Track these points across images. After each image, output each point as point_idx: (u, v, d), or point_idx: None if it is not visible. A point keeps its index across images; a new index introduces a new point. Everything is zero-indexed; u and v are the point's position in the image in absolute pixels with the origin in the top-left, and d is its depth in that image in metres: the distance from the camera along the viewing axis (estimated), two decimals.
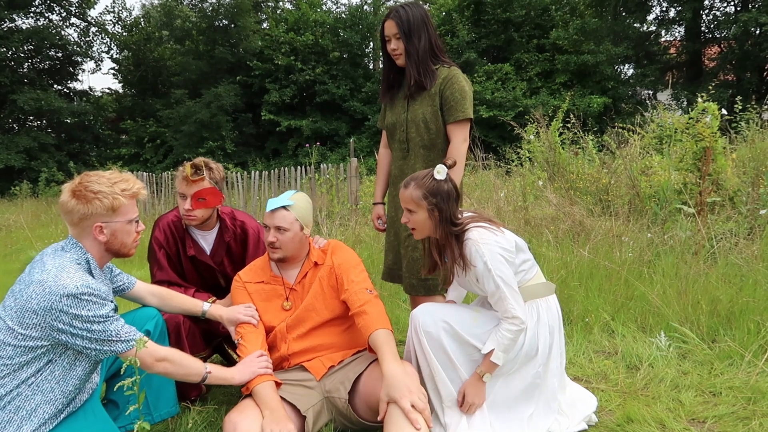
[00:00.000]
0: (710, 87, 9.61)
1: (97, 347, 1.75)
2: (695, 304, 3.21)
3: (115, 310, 1.91)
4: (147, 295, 2.30)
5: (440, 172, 2.11)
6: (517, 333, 2.04)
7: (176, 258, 2.64)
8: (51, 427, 1.79)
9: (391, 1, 20.99)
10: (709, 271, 3.58)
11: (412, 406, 1.89)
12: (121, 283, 2.21)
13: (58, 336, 1.72)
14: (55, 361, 1.77)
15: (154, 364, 1.84)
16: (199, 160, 2.58)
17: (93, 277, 1.86)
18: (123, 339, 1.78)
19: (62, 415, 1.82)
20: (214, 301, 2.50)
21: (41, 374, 1.75)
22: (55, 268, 1.74)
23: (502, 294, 2.02)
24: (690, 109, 5.36)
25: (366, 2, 20.36)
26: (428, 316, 2.17)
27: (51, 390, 1.77)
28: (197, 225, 2.63)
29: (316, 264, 2.34)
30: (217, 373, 2.01)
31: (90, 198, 1.80)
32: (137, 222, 1.95)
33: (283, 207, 2.23)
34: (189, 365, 1.94)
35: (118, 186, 1.85)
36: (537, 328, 2.14)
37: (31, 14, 19.44)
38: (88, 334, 1.72)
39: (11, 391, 1.71)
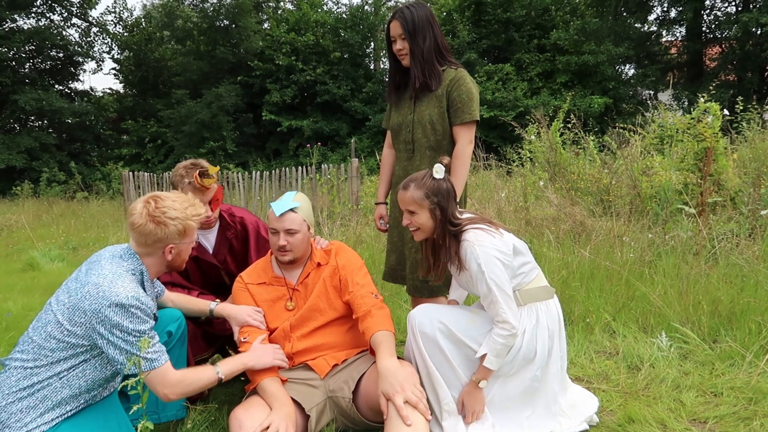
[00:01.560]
0: (711, 87, 9.57)
1: (124, 360, 1.81)
2: (696, 304, 3.21)
3: (156, 321, 2.00)
4: (167, 301, 2.37)
5: (438, 171, 2.11)
6: (509, 338, 2.03)
7: None
8: (69, 416, 1.86)
9: (392, 2, 20.99)
10: (711, 271, 3.58)
11: (406, 402, 1.90)
12: (156, 290, 2.28)
13: (96, 339, 1.80)
14: (89, 361, 1.85)
15: (166, 398, 1.89)
16: (196, 164, 2.51)
17: (144, 289, 1.95)
18: (147, 357, 1.83)
19: (82, 406, 1.91)
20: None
21: (73, 371, 1.84)
22: (112, 274, 1.83)
23: (494, 297, 2.02)
24: (691, 110, 5.36)
25: (367, 2, 20.35)
26: (425, 317, 2.17)
27: (78, 387, 1.85)
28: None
29: (318, 265, 2.35)
30: (229, 369, 2.05)
31: (168, 224, 1.92)
32: (195, 240, 2.08)
33: (291, 210, 2.24)
34: (200, 382, 1.97)
35: (189, 211, 1.98)
36: (536, 331, 2.13)
37: (33, 14, 19.43)
38: (122, 344, 1.79)
39: (43, 380, 1.81)
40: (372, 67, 20.67)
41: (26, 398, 1.79)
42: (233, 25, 19.64)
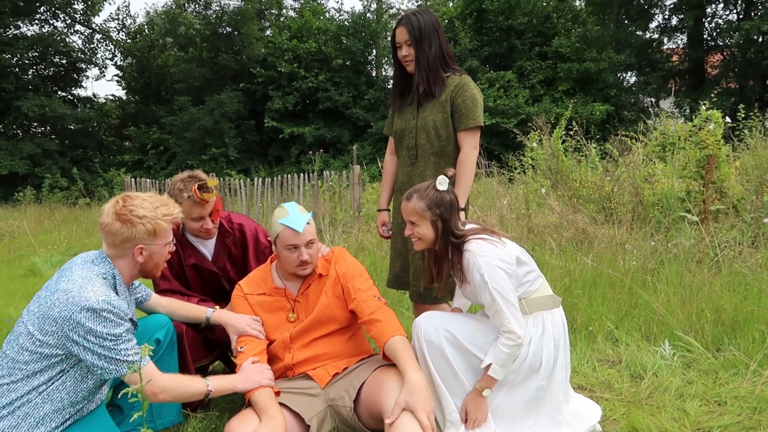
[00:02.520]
0: (713, 95, 9.60)
1: (104, 365, 1.77)
2: (699, 312, 3.19)
3: (136, 325, 1.95)
4: (158, 306, 2.34)
5: (442, 183, 2.11)
6: (514, 348, 2.02)
7: (179, 267, 2.64)
8: None
9: (394, 9, 21.10)
10: (713, 279, 3.56)
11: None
12: (140, 296, 2.26)
13: (71, 347, 1.74)
14: (68, 371, 1.79)
15: (155, 396, 1.85)
16: (194, 177, 2.48)
17: (117, 293, 1.90)
18: (128, 360, 1.80)
19: (68, 422, 1.84)
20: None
21: (53, 383, 1.77)
22: (81, 279, 1.78)
23: (498, 307, 2.00)
24: (693, 117, 5.36)
25: (369, 10, 20.46)
26: (430, 325, 2.16)
27: (60, 400, 1.79)
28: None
29: (320, 276, 2.33)
30: (219, 386, 2.02)
31: (135, 222, 1.87)
32: (171, 243, 2.02)
33: (307, 222, 2.22)
34: (189, 389, 1.95)
35: (160, 211, 1.92)
36: (541, 340, 2.12)
37: (36, 21, 19.56)
38: (99, 350, 1.75)
39: (22, 396, 1.74)
40: (374, 74, 20.74)
41: (6, 417, 1.72)
42: (236, 32, 19.74)
